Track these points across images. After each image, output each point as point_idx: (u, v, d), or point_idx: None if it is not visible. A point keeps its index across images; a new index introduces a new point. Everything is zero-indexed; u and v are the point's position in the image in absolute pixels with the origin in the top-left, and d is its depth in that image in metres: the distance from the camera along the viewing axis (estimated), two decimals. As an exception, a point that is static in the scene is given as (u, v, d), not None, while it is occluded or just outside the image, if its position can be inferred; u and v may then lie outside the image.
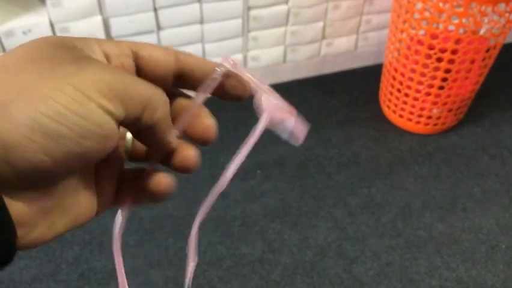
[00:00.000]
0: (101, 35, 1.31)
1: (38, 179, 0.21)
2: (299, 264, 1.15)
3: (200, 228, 1.10)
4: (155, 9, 1.34)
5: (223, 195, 1.33)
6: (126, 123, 0.23)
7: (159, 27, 1.38)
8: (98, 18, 1.29)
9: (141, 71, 0.25)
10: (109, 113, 0.21)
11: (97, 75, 0.21)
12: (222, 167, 0.32)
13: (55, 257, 1.15)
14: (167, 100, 0.25)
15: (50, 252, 1.16)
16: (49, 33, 1.26)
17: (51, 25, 1.26)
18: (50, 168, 0.20)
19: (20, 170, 0.20)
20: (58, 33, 1.27)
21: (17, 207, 0.21)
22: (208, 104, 0.30)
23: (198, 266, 1.07)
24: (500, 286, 1.11)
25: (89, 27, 1.29)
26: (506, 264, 1.16)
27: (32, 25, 1.24)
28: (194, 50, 1.46)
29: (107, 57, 0.24)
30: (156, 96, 0.23)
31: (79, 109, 0.20)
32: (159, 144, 0.26)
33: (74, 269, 1.13)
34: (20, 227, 0.21)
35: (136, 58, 0.25)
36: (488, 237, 1.21)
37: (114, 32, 1.33)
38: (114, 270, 1.08)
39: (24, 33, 1.24)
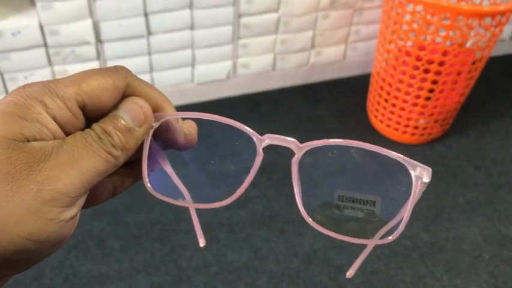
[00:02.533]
0: (91, 38, 1.31)
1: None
2: (285, 272, 1.15)
3: (186, 233, 1.10)
4: (146, 14, 1.34)
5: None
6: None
7: (149, 32, 1.38)
8: (89, 22, 1.28)
9: (86, 109, 0.25)
10: (62, 220, 0.23)
11: (52, 191, 0.22)
12: (210, 175, 0.32)
13: (39, 261, 1.14)
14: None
15: (34, 256, 1.14)
16: (38, 35, 1.26)
17: (41, 27, 1.25)
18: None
19: None
20: (48, 36, 1.27)
21: None
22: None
23: (184, 272, 1.07)
24: (483, 296, 1.13)
25: (79, 30, 1.29)
26: (489, 274, 1.17)
27: (22, 27, 1.23)
28: (184, 55, 1.46)
29: (56, 120, 0.24)
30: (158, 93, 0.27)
31: (41, 234, 0.22)
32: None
33: (58, 273, 1.12)
34: None
35: (83, 103, 0.25)
36: (472, 247, 1.23)
37: (104, 35, 1.33)
38: (99, 275, 1.08)
39: (14, 34, 1.23)
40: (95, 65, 1.37)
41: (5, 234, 0.21)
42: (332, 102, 1.63)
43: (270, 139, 0.29)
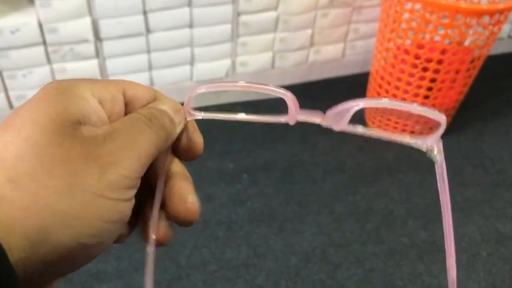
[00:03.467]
0: (89, 36, 1.31)
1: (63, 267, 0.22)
2: (284, 270, 1.15)
3: (185, 231, 1.10)
4: (144, 12, 1.34)
5: (209, 199, 1.34)
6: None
7: (148, 30, 1.38)
8: (87, 20, 1.28)
9: (127, 108, 0.26)
10: (127, 200, 0.23)
11: (112, 178, 0.22)
12: (208, 172, 0.33)
13: (38, 258, 1.14)
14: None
15: (33, 254, 1.14)
16: (37, 33, 1.26)
17: (40, 25, 1.25)
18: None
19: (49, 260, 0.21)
20: (46, 34, 1.27)
21: None
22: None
23: (182, 270, 1.07)
24: (481, 293, 1.13)
25: (78, 28, 1.29)
26: (487, 272, 1.17)
27: (21, 25, 1.23)
28: (183, 54, 1.46)
29: (101, 103, 0.25)
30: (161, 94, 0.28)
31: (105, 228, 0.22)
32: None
33: (57, 271, 1.12)
34: None
35: (124, 97, 0.26)
36: (469, 245, 1.23)
37: (103, 33, 1.33)
38: (98, 273, 1.08)
39: (12, 32, 1.23)
40: (94, 63, 1.37)
41: (78, 219, 0.21)
42: (331, 101, 1.62)
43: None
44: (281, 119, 0.28)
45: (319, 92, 1.66)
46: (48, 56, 1.32)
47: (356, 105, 0.26)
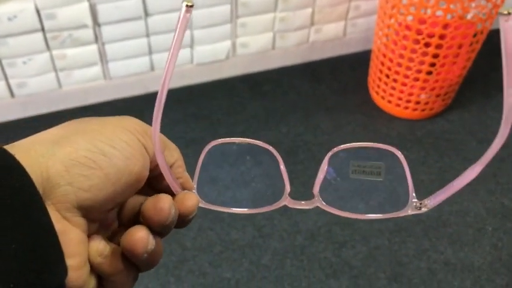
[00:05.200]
0: (88, 21, 1.30)
1: (93, 197, 0.25)
2: (289, 249, 1.16)
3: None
4: (142, -5, 1.32)
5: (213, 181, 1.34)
6: (154, 163, 0.28)
7: (147, 14, 1.37)
8: (85, 4, 1.27)
9: None
10: (145, 146, 0.27)
11: (140, 125, 0.28)
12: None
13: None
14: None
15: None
16: (35, 19, 1.25)
17: (37, 11, 1.24)
18: (103, 185, 0.25)
19: (79, 187, 0.24)
20: (44, 20, 1.26)
21: (70, 231, 0.24)
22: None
23: (188, 252, 1.08)
24: (486, 268, 1.13)
25: (76, 13, 1.28)
26: (493, 246, 1.17)
27: (18, 11, 1.22)
28: (182, 36, 1.45)
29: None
30: (172, 144, 0.31)
31: (126, 138, 0.26)
32: (175, 182, 0.31)
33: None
34: (70, 256, 0.24)
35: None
36: (475, 220, 1.23)
37: (101, 18, 1.32)
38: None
39: (10, 19, 1.22)
40: (93, 48, 1.36)
41: (95, 131, 0.26)
42: (333, 80, 1.62)
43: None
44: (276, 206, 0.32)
45: (321, 72, 1.65)
46: (47, 42, 1.31)
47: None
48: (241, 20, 1.49)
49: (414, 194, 0.29)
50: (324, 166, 0.31)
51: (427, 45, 1.30)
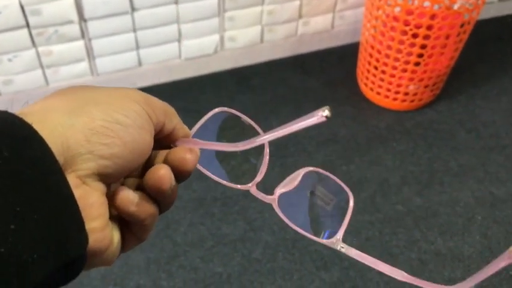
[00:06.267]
0: (73, 17, 1.28)
1: (113, 164, 0.26)
2: (280, 242, 1.16)
3: (180, 209, 1.10)
4: (128, -10, 1.31)
5: (203, 176, 1.33)
6: (156, 130, 0.29)
7: (133, 9, 1.35)
8: (70, 0, 1.26)
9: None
10: (149, 115, 0.28)
11: (142, 95, 0.29)
12: (200, 150, 0.33)
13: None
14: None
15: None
16: (20, 15, 1.23)
17: (22, 7, 1.23)
18: (122, 153, 0.26)
19: (100, 156, 0.25)
20: (29, 16, 1.24)
21: (90, 196, 0.25)
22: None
23: (179, 247, 1.07)
24: (476, 257, 1.14)
25: (61, 9, 1.26)
26: (482, 235, 1.18)
27: (2, 7, 1.20)
28: (170, 31, 1.44)
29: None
30: (170, 107, 0.31)
31: (136, 108, 0.27)
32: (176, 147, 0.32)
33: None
34: (92, 219, 0.25)
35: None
36: (464, 210, 1.24)
37: (87, 13, 1.30)
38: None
39: (-6, 16, 1.21)
40: (80, 44, 1.35)
41: (108, 103, 0.27)
42: (322, 73, 1.62)
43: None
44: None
45: (310, 65, 1.65)
46: (32, 38, 1.30)
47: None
48: (229, 14, 1.48)
49: (342, 233, 0.33)
50: (297, 177, 0.35)
51: (415, 36, 1.30)
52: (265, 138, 0.30)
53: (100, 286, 1.08)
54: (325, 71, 1.63)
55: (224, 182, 0.34)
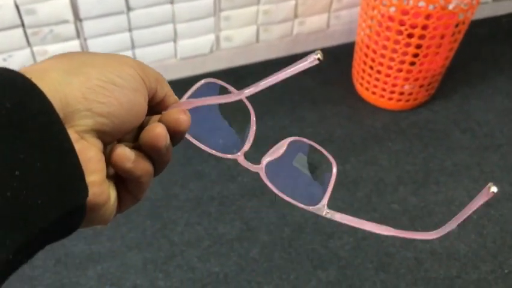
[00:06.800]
0: (69, 16, 1.28)
1: (110, 123, 0.27)
2: (277, 241, 1.16)
3: (177, 209, 1.09)
4: (124, -11, 1.31)
5: (200, 176, 1.34)
6: (149, 95, 0.30)
7: (129, 8, 1.35)
8: (66, 0, 1.25)
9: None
10: (143, 80, 0.29)
11: (136, 61, 0.30)
12: (197, 149, 0.34)
13: (30, 243, 1.13)
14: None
15: (25, 239, 1.14)
16: (15, 14, 1.23)
17: (17, 6, 1.22)
18: (118, 112, 0.27)
19: (98, 113, 0.26)
20: (24, 15, 1.24)
21: (88, 151, 0.26)
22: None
23: (176, 247, 1.07)
24: (472, 255, 1.15)
25: (57, 8, 1.26)
26: (478, 234, 1.19)
27: (-3, 7, 1.20)
28: (165, 30, 1.44)
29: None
30: (161, 75, 0.32)
31: (130, 72, 0.28)
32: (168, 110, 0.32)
33: (50, 255, 1.12)
34: (91, 173, 0.25)
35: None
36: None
37: (82, 13, 1.30)
38: (91, 254, 1.08)
39: (-11, 15, 1.20)
40: (75, 44, 1.35)
41: (104, 65, 0.28)
42: (317, 72, 1.63)
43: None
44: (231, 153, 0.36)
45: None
46: (27, 38, 1.29)
47: None
48: (224, 13, 1.48)
49: (327, 200, 0.34)
50: (283, 146, 0.35)
51: (410, 36, 1.31)
52: (264, 83, 0.31)
53: (96, 286, 1.07)
54: (321, 71, 1.63)
55: (213, 152, 0.35)
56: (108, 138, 0.28)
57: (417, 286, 1.10)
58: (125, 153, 0.28)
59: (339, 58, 1.66)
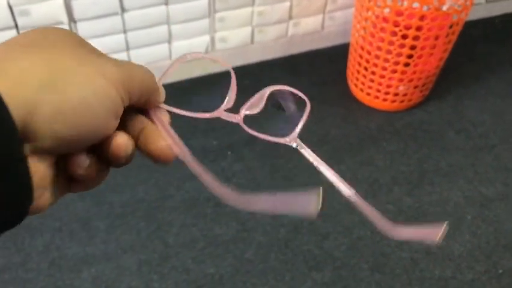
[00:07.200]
0: (63, 18, 1.27)
1: (71, 145, 0.26)
2: (273, 242, 1.16)
3: (171, 210, 1.09)
4: (118, -9, 1.31)
5: (195, 177, 1.33)
6: (128, 105, 0.29)
7: (123, 9, 1.35)
8: (60, 0, 1.25)
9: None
10: (122, 100, 0.28)
11: (119, 74, 0.28)
12: (192, 150, 0.33)
13: (24, 245, 1.13)
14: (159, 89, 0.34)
15: (19, 241, 1.13)
16: (8, 16, 1.22)
17: (10, 8, 1.22)
18: (83, 135, 0.26)
19: (60, 135, 0.25)
20: (18, 17, 1.23)
21: (39, 169, 0.25)
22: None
23: (171, 248, 1.07)
24: (466, 255, 1.15)
25: (51, 9, 1.25)
26: (472, 234, 1.19)
27: (-10, 8, 1.19)
28: (160, 32, 1.44)
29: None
30: (152, 84, 0.32)
31: (109, 94, 0.27)
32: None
33: (44, 257, 1.11)
34: (37, 189, 0.25)
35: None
36: (454, 209, 1.25)
37: (77, 15, 1.30)
38: (86, 257, 1.08)
39: (-18, 16, 1.19)
40: (69, 45, 1.34)
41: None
42: (312, 73, 1.63)
43: None
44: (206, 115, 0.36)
45: (300, 65, 1.65)
46: (21, 39, 1.28)
47: None
48: (219, 15, 1.48)
49: (297, 132, 0.37)
50: (263, 95, 0.37)
51: (404, 37, 1.31)
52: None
53: (91, 288, 1.07)
54: (315, 72, 1.63)
55: (192, 114, 0.35)
56: (65, 152, 0.27)
57: (412, 286, 1.10)
58: (79, 162, 0.28)
59: (333, 59, 1.67)
